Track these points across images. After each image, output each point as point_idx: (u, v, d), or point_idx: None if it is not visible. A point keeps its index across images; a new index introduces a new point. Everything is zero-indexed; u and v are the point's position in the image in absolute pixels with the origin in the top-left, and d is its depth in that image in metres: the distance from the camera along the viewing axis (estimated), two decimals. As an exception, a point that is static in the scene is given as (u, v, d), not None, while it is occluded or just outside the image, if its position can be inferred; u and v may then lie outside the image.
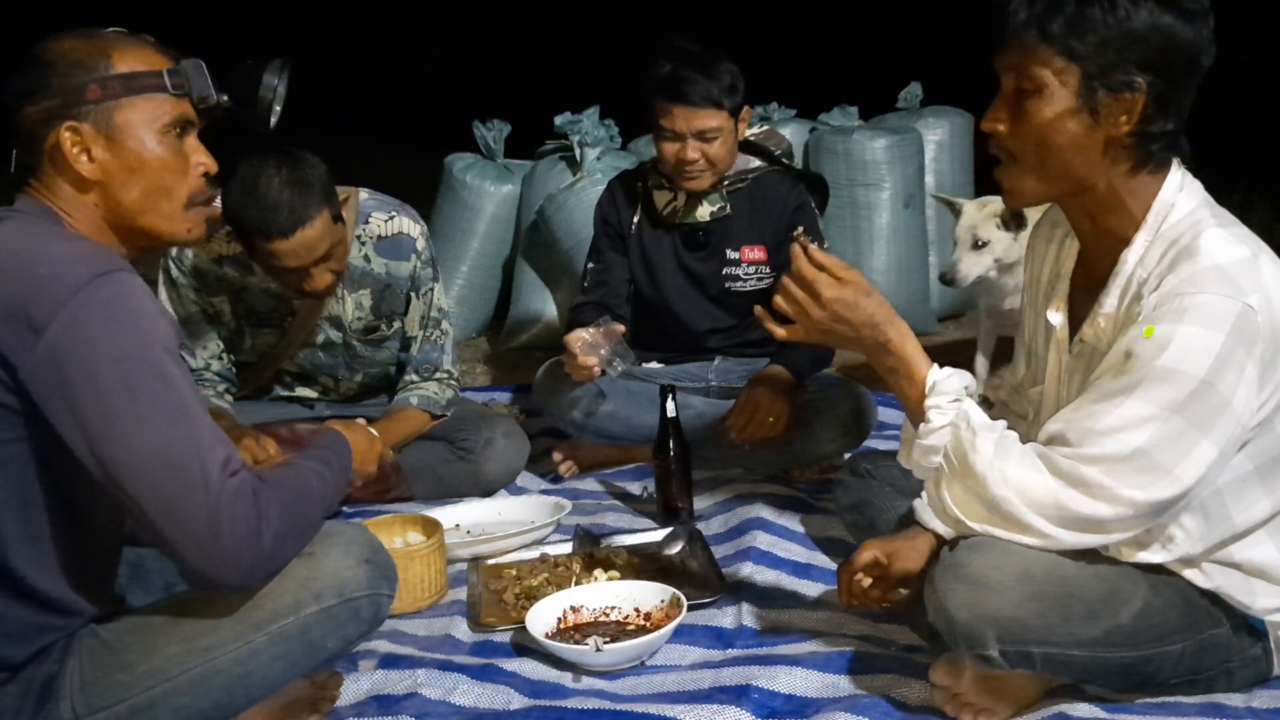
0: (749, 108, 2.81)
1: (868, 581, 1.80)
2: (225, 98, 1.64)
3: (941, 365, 1.72)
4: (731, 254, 2.91)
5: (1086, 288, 1.73)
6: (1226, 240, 1.55)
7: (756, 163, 2.92)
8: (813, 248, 1.71)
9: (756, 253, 2.90)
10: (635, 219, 2.97)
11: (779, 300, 1.73)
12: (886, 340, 1.69)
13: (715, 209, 2.87)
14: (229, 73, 1.73)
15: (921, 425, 1.67)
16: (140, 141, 1.54)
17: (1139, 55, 1.53)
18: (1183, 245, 1.56)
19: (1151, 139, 1.59)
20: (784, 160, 2.99)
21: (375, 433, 2.07)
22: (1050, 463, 1.58)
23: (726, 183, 2.87)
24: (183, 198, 1.59)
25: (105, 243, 1.53)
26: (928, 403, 1.66)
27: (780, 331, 1.75)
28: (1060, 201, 1.73)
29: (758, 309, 1.80)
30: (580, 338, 2.62)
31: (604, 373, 2.63)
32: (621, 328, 2.64)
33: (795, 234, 1.76)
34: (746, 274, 2.92)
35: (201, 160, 1.61)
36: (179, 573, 1.46)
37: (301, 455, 1.68)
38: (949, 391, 1.66)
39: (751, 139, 2.99)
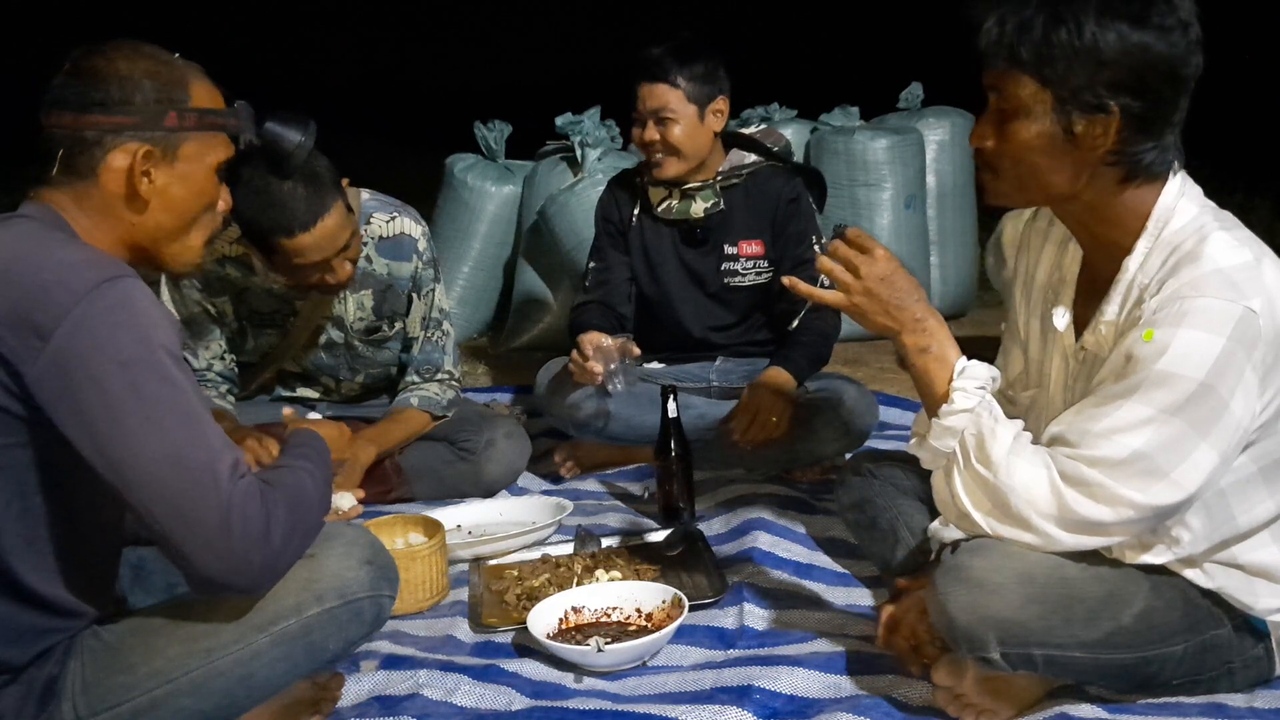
0: (724, 97, 2.81)
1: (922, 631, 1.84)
2: (258, 141, 1.73)
3: None
4: (729, 249, 2.92)
5: (1089, 293, 1.73)
6: (1230, 244, 1.55)
7: (752, 158, 2.93)
8: (850, 230, 1.72)
9: (754, 247, 2.91)
10: (635, 213, 2.98)
11: (824, 262, 1.71)
12: (925, 316, 1.69)
13: (709, 205, 2.88)
14: (265, 116, 1.79)
15: (944, 406, 1.66)
16: (195, 174, 1.58)
17: (1110, 77, 1.52)
18: (1186, 250, 1.56)
19: (1138, 155, 1.58)
20: (781, 156, 2.99)
21: (342, 424, 2.07)
22: (1055, 461, 1.58)
23: (720, 178, 2.88)
24: (208, 233, 1.65)
25: (110, 253, 1.53)
26: (954, 384, 1.66)
27: (820, 294, 1.73)
28: (1053, 210, 1.73)
29: (786, 278, 1.79)
30: (597, 341, 2.62)
31: (603, 383, 2.63)
32: (638, 350, 2.65)
33: (840, 227, 1.76)
34: (745, 269, 2.92)
35: (225, 198, 1.65)
36: (186, 580, 1.46)
37: (288, 457, 1.68)
38: (977, 378, 1.66)
39: (750, 136, 3.00)
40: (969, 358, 1.70)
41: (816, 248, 2.14)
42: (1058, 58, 1.52)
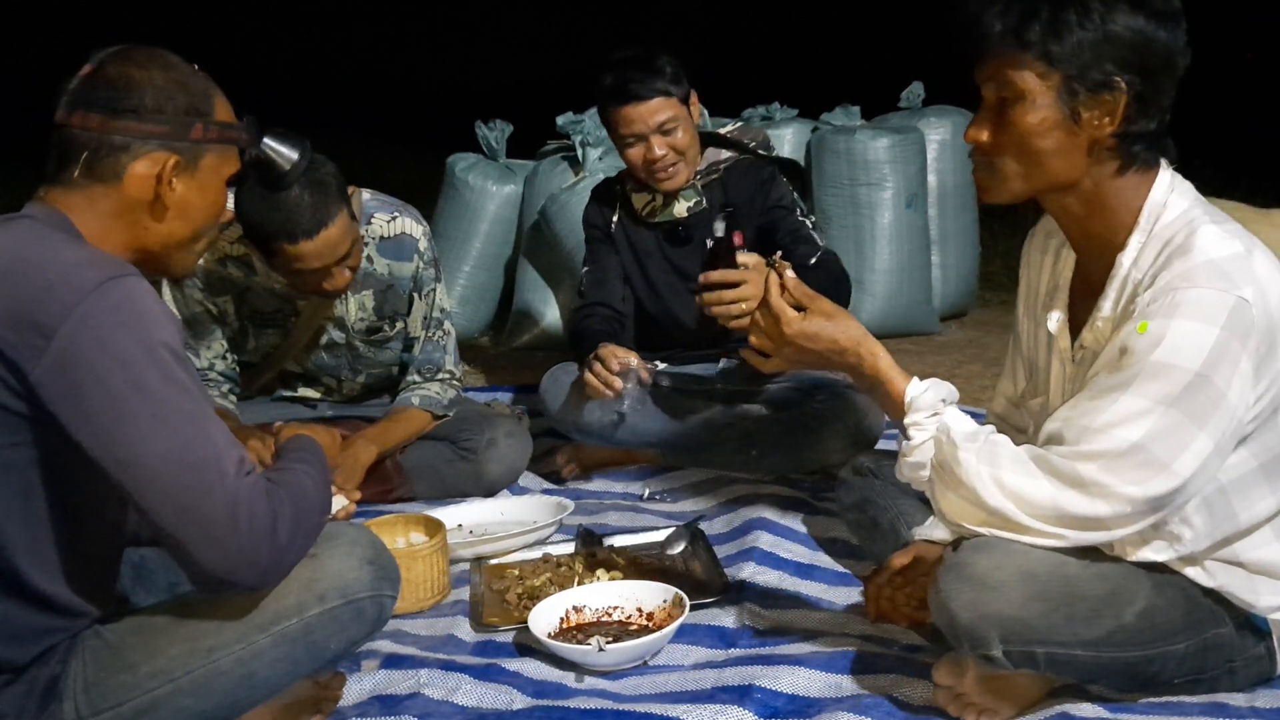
0: (694, 92, 2.80)
1: (900, 597, 1.90)
2: (262, 154, 1.73)
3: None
4: (709, 242, 2.91)
5: (1085, 295, 1.74)
6: (1220, 236, 1.56)
7: (727, 154, 2.92)
8: (787, 274, 1.74)
9: (736, 239, 2.89)
10: (615, 218, 2.98)
11: (753, 337, 1.76)
12: (858, 362, 1.71)
13: (691, 204, 2.87)
14: (263, 131, 1.81)
15: (905, 443, 1.68)
16: (211, 186, 1.60)
17: (1116, 55, 1.55)
18: (1177, 243, 1.57)
19: (1134, 139, 1.59)
20: (759, 151, 2.99)
21: (333, 429, 2.07)
22: (1045, 464, 1.58)
23: (699, 177, 2.87)
24: (209, 242, 1.68)
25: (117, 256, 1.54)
26: (907, 420, 1.67)
27: (762, 363, 1.80)
28: (1046, 207, 1.73)
29: (743, 350, 1.84)
30: (624, 358, 2.61)
31: (620, 400, 2.61)
32: (649, 378, 2.63)
33: (772, 259, 1.77)
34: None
35: (227, 210, 1.69)
36: (190, 579, 1.46)
37: (286, 459, 1.68)
38: (926, 407, 1.67)
39: (725, 135, 3.00)
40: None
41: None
42: (1065, 35, 1.54)
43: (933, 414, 1.66)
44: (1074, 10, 1.54)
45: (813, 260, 2.75)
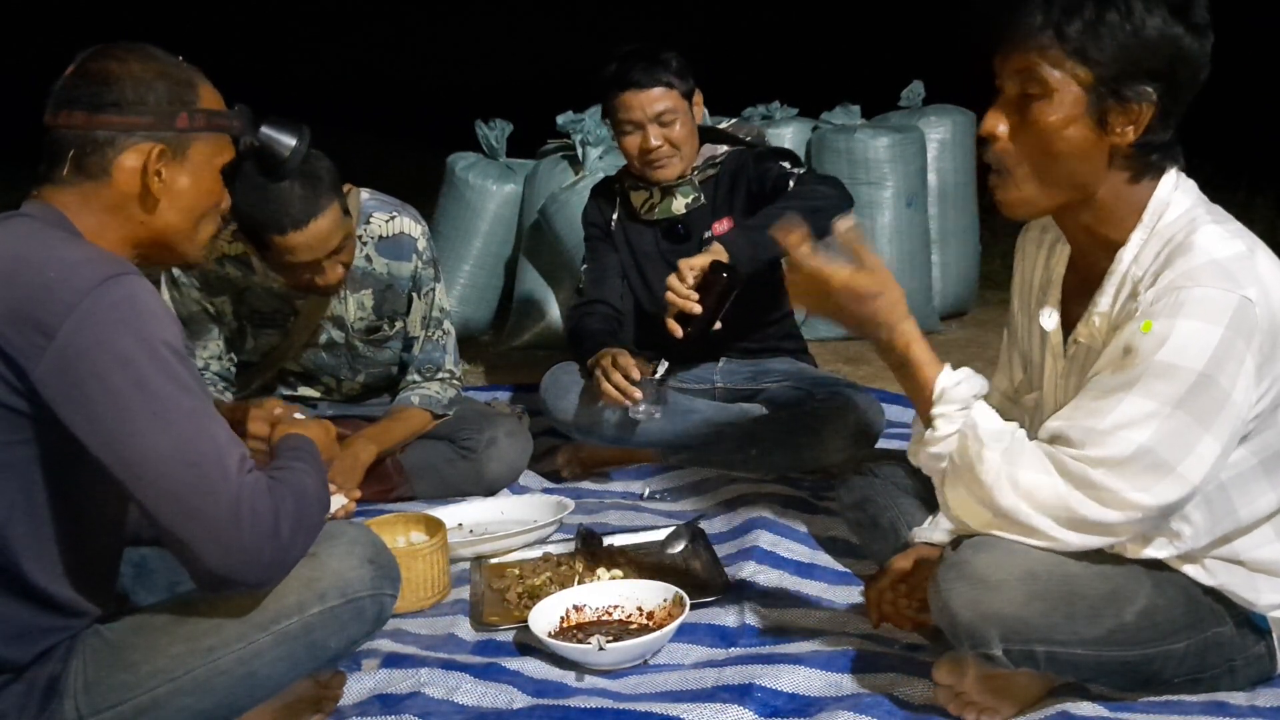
0: (699, 91, 2.81)
1: (901, 601, 1.90)
2: (257, 144, 1.76)
3: (945, 362, 1.71)
4: (707, 234, 2.91)
5: (1079, 290, 1.73)
6: (1222, 236, 1.56)
7: (723, 149, 2.93)
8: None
9: (724, 225, 2.89)
10: (615, 216, 2.98)
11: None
12: (890, 341, 1.67)
13: (689, 200, 2.87)
14: (260, 119, 1.81)
15: (929, 432, 1.65)
16: (203, 174, 1.60)
17: (1150, 64, 1.53)
18: (1178, 242, 1.57)
19: (1152, 149, 1.59)
20: (753, 144, 2.99)
21: (327, 422, 2.07)
22: (1059, 464, 1.57)
23: (696, 172, 2.87)
24: (212, 231, 1.68)
25: (115, 251, 1.54)
26: (934, 410, 1.64)
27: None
28: (1056, 217, 1.72)
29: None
30: (643, 370, 2.61)
31: (633, 407, 2.61)
32: (665, 388, 2.65)
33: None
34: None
35: (224, 199, 1.68)
36: (192, 577, 1.46)
37: (284, 458, 1.68)
38: (957, 400, 1.64)
39: (722, 130, 3.00)
40: (963, 361, 1.69)
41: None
42: (1106, 37, 1.52)
43: (962, 408, 1.63)
44: (1117, 12, 1.52)
45: (790, 185, 2.71)
